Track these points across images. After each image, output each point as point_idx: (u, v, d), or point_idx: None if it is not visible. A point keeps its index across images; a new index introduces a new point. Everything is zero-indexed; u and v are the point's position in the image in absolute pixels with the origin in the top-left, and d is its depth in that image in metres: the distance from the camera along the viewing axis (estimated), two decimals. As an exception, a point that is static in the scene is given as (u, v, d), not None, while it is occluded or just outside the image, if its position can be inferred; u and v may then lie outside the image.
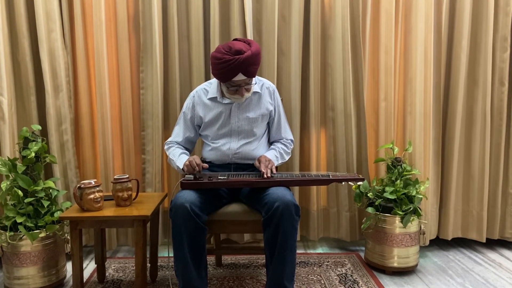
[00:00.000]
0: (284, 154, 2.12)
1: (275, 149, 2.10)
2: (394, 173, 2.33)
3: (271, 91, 2.12)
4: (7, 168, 2.02)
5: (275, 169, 1.93)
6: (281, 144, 2.15)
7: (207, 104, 2.06)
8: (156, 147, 2.51)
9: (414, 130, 2.53)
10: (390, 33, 2.49)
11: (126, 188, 1.97)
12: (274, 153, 2.06)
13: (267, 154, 2.02)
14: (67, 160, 2.47)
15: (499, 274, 2.32)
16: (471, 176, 2.62)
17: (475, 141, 2.59)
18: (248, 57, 1.82)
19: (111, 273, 2.32)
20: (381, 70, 2.54)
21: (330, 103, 2.58)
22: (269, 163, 1.91)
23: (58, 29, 2.38)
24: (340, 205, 2.65)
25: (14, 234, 1.99)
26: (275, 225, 1.74)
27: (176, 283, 1.99)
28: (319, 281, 2.21)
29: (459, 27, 2.52)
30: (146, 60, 2.47)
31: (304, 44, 2.55)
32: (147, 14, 2.42)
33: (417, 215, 2.26)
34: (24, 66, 2.38)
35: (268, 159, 1.93)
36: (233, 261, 2.49)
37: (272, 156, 2.02)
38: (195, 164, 1.84)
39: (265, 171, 1.84)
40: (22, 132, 2.08)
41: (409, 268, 2.31)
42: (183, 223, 1.73)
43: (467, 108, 2.60)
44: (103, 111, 2.46)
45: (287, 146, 2.16)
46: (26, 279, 2.03)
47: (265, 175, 1.83)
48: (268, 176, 1.83)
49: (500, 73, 2.55)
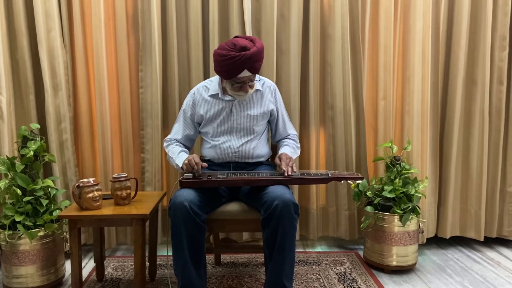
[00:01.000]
0: (297, 149, 2.15)
1: (288, 145, 2.11)
2: (393, 172, 2.33)
3: (272, 90, 2.13)
4: (5, 167, 2.02)
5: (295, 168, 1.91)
6: (290, 140, 2.16)
7: (208, 101, 2.06)
8: (155, 146, 2.51)
9: (412, 129, 2.54)
10: (389, 32, 2.50)
11: (125, 187, 1.97)
12: (290, 149, 2.07)
13: (285, 151, 2.01)
14: (66, 159, 2.47)
15: (498, 273, 2.33)
16: (469, 175, 2.63)
17: (473, 140, 2.59)
18: (254, 53, 1.83)
19: (110, 272, 2.32)
20: (380, 69, 2.55)
21: (330, 102, 2.58)
22: (290, 161, 1.90)
23: (57, 28, 2.37)
24: (339, 204, 2.65)
25: (12, 233, 1.99)
26: (274, 224, 1.74)
27: (175, 282, 1.99)
28: (318, 280, 2.22)
29: (457, 26, 2.52)
30: (145, 59, 2.47)
31: (304, 43, 2.55)
32: (146, 13, 2.41)
33: (416, 214, 2.27)
34: (23, 65, 2.38)
35: (289, 157, 1.92)
36: (232, 260, 2.49)
37: (290, 154, 2.02)
38: (194, 163, 1.83)
39: (286, 169, 1.84)
40: (21, 131, 2.08)
41: (408, 266, 2.32)
42: (182, 222, 1.73)
43: (465, 107, 2.60)
44: (102, 110, 2.46)
45: (296, 141, 2.18)
46: (25, 278, 2.03)
47: (286, 173, 1.83)
48: (289, 174, 1.83)
49: (498, 72, 2.56)
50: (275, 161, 1.96)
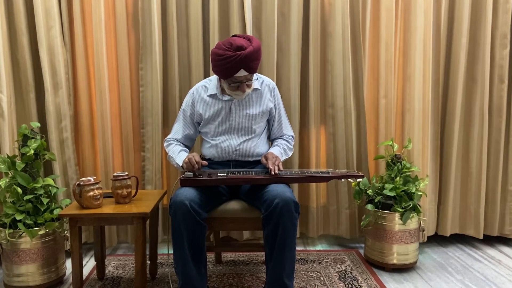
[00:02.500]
0: (288, 150, 2.13)
1: (278, 145, 2.10)
2: (393, 170, 2.33)
3: (271, 88, 2.12)
4: (6, 166, 2.02)
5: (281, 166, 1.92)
6: (283, 140, 2.15)
7: (206, 101, 2.06)
8: (156, 144, 2.51)
9: (412, 127, 2.53)
10: (390, 30, 2.49)
11: (126, 185, 1.97)
12: (279, 150, 2.07)
13: (273, 151, 2.02)
14: (66, 157, 2.47)
15: (499, 271, 2.32)
16: (469, 173, 2.62)
17: (473, 138, 2.59)
18: (250, 52, 1.82)
19: (111, 270, 2.32)
20: (381, 67, 2.54)
21: (330, 100, 2.58)
22: (276, 159, 1.91)
23: (57, 26, 2.37)
24: (340, 202, 2.65)
25: (13, 232, 1.99)
26: (274, 222, 1.74)
27: (176, 280, 1.99)
28: (319, 278, 2.22)
29: (458, 24, 2.52)
30: (146, 57, 2.46)
31: (304, 41, 2.54)
32: (147, 11, 2.41)
33: (417, 212, 2.27)
34: (23, 63, 2.37)
35: (275, 156, 1.93)
36: (232, 258, 2.49)
37: (277, 153, 2.02)
38: (195, 161, 1.83)
39: (272, 168, 1.84)
40: (21, 130, 2.08)
41: (408, 265, 2.32)
42: (183, 221, 1.73)
43: (466, 105, 2.60)
44: (102, 108, 2.46)
45: (289, 142, 2.17)
46: (26, 276, 2.03)
47: (273, 171, 1.83)
48: (275, 173, 1.83)
49: (499, 70, 2.55)
50: (261, 160, 1.97)
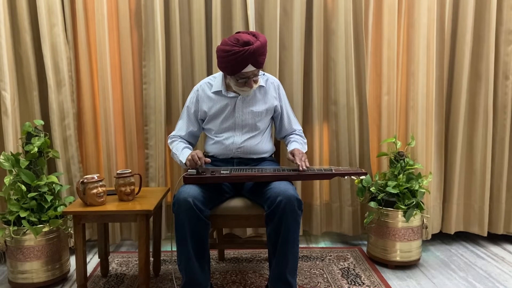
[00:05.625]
0: (304, 145, 2.15)
1: (297, 141, 2.11)
2: (396, 167, 2.33)
3: (275, 86, 2.12)
4: (10, 163, 2.03)
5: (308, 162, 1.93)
6: (297, 135, 2.17)
7: (211, 98, 2.06)
8: (159, 142, 2.51)
9: (416, 124, 2.53)
10: (393, 27, 2.48)
11: (129, 182, 1.98)
12: (300, 146, 2.08)
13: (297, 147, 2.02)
14: (70, 155, 2.47)
15: (502, 268, 2.32)
16: (473, 171, 2.61)
17: (478, 136, 2.58)
18: (258, 47, 1.83)
19: (115, 267, 2.33)
20: (383, 64, 2.53)
21: (333, 98, 2.57)
22: (303, 155, 1.92)
23: (60, 23, 2.37)
24: (343, 200, 2.65)
25: (17, 229, 2.00)
26: (277, 220, 1.74)
27: (179, 277, 2.00)
28: (322, 275, 2.22)
29: (462, 21, 2.50)
30: (149, 54, 2.46)
31: (307, 38, 2.54)
32: (149, 8, 2.41)
33: (420, 209, 2.26)
34: (26, 61, 2.38)
35: (302, 152, 1.95)
36: (235, 255, 2.49)
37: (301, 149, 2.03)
38: (198, 158, 1.84)
39: (300, 164, 1.86)
40: (25, 127, 2.09)
41: (411, 262, 2.32)
42: (186, 218, 1.73)
43: (470, 102, 2.59)
44: (105, 105, 2.47)
45: (303, 137, 2.19)
46: (30, 273, 2.04)
47: (301, 167, 1.85)
48: (303, 169, 1.85)
49: (504, 67, 2.54)
50: (287, 157, 1.97)
